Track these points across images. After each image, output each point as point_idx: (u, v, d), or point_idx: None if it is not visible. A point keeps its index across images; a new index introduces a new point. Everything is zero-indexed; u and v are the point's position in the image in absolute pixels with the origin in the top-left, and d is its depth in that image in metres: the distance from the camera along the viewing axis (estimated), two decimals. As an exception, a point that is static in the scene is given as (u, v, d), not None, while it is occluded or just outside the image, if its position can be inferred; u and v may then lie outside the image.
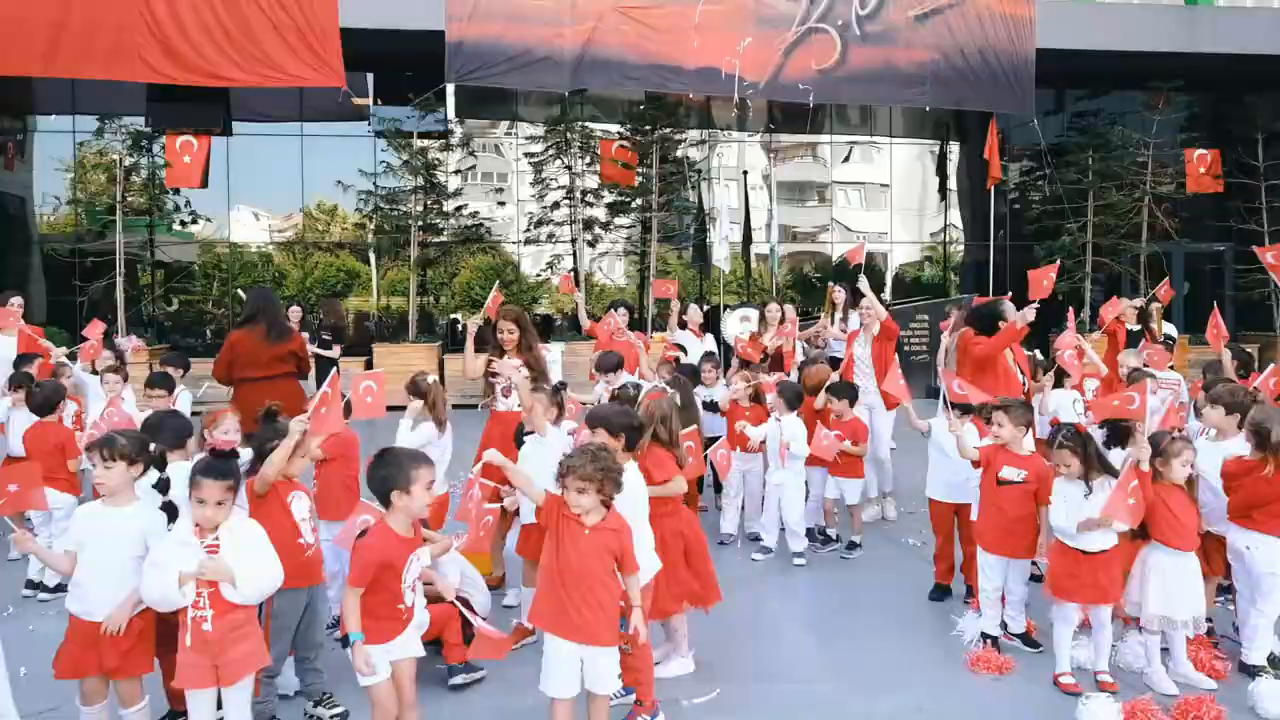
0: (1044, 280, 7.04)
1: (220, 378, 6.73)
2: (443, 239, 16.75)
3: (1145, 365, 6.96)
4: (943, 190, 20.01)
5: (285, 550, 3.45)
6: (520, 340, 5.81)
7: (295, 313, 11.62)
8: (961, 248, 20.09)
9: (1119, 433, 4.66)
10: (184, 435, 4.30)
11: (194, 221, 16.73)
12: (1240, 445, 4.67)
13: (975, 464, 4.89)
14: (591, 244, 17.42)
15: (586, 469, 3.47)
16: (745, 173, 18.97)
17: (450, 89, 15.72)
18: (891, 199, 19.75)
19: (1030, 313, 6.46)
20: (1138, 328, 8.78)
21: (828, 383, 6.70)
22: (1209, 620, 4.75)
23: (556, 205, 17.13)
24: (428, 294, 17.16)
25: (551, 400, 4.85)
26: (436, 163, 16.48)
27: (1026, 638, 4.84)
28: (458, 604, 3.91)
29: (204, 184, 15.62)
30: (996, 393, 5.93)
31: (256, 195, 17.78)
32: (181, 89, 14.18)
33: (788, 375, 7.72)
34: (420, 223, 16.09)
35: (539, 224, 17.24)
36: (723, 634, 4.86)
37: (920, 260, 20.63)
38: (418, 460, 3.51)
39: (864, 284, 8.01)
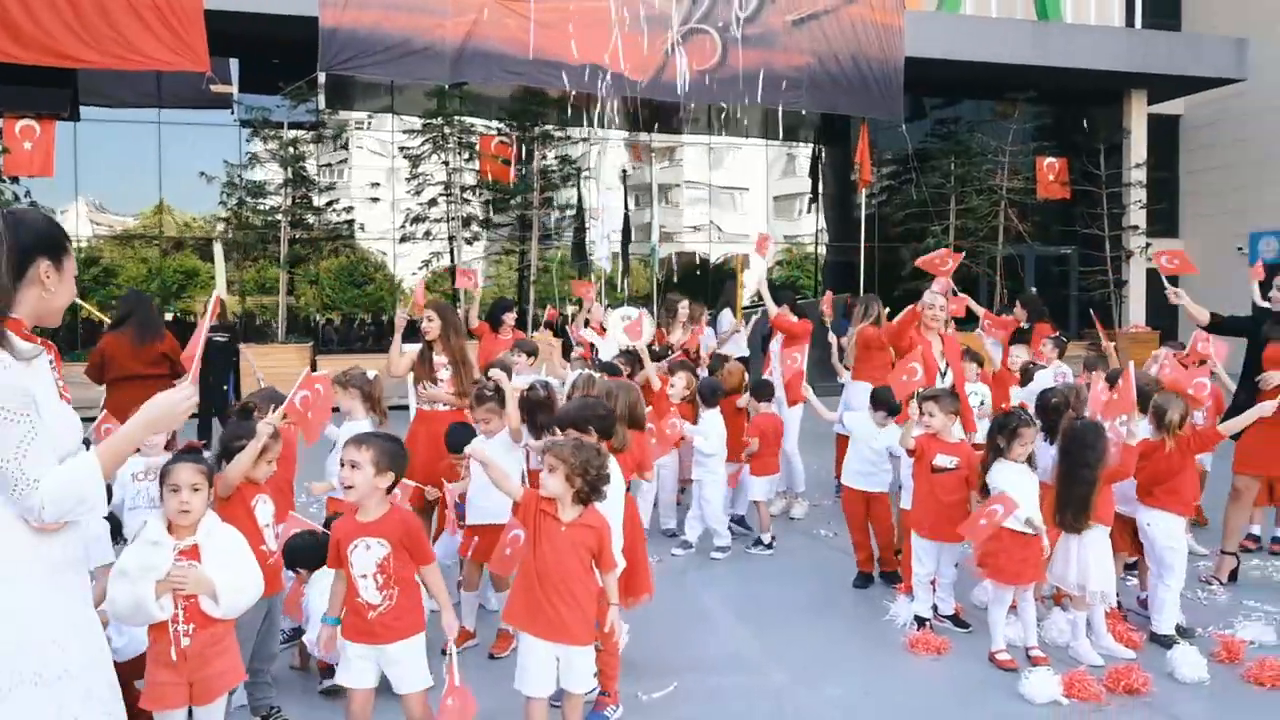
0: (936, 261, 7.12)
1: (93, 378, 6.68)
2: (314, 235, 16.07)
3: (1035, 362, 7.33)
4: (814, 192, 20.58)
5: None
6: (441, 331, 5.60)
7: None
8: (827, 249, 20.64)
9: (1052, 426, 4.86)
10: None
11: (35, 213, 15.46)
12: (1144, 430, 4.96)
13: (910, 452, 5.01)
14: (469, 242, 17.09)
15: (564, 451, 3.39)
16: (625, 172, 19.00)
17: (322, 78, 15.11)
18: (765, 200, 20.17)
19: (930, 296, 6.58)
20: (1028, 325, 9.21)
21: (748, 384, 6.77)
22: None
23: (434, 202, 16.71)
24: (296, 292, 16.43)
25: (498, 404, 4.70)
26: (307, 155, 15.80)
27: (956, 619, 4.99)
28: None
29: (48, 172, 14.46)
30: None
31: (106, 186, 16.55)
32: (24, 69, 13.08)
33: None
34: (289, 218, 15.41)
35: (415, 220, 16.78)
36: (663, 628, 4.82)
37: (791, 261, 21.15)
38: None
39: (763, 285, 8.16)
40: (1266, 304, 5.95)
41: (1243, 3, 21.58)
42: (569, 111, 16.99)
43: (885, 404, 5.60)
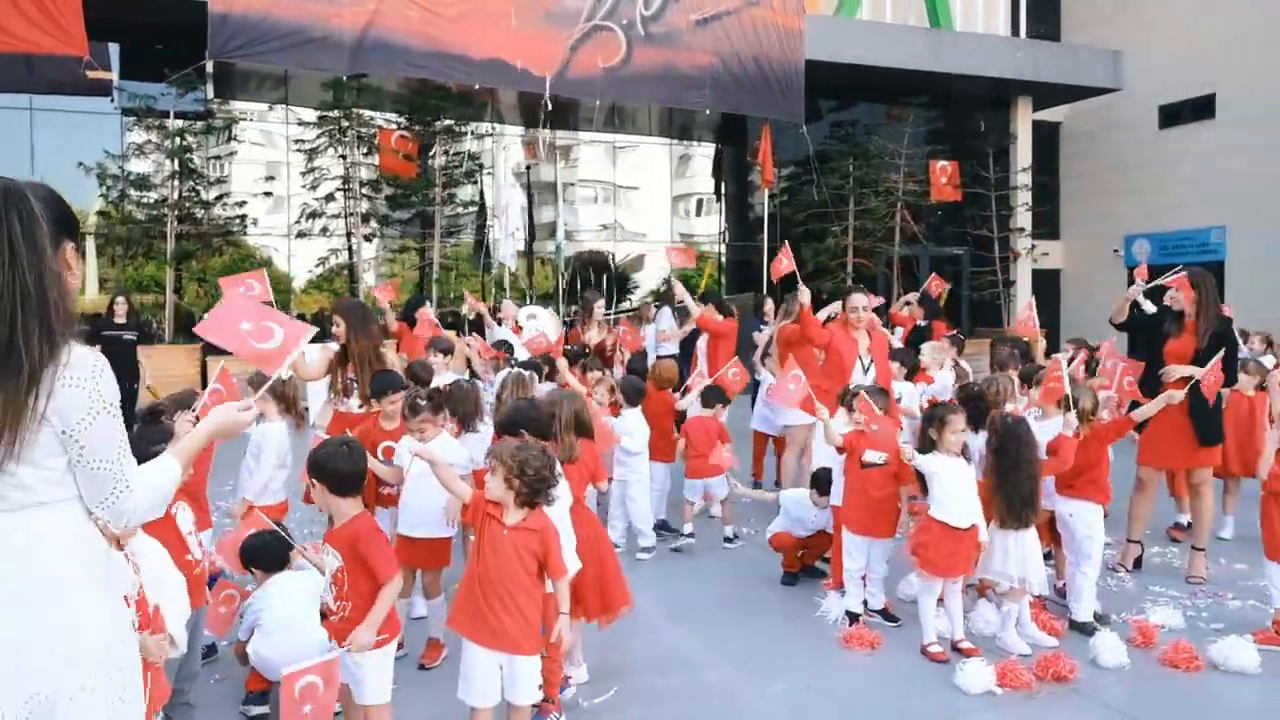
0: (782, 262, 7.39)
1: None
2: (203, 230, 15.34)
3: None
4: (717, 192, 20.75)
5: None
6: (348, 333, 5.36)
7: (121, 304, 10.23)
8: (728, 249, 20.82)
9: (979, 415, 4.95)
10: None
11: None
12: (1059, 423, 5.10)
13: (840, 449, 5.03)
14: (368, 239, 16.62)
15: (503, 452, 3.28)
16: (528, 168, 18.78)
17: (210, 66, 14.44)
18: (667, 199, 20.23)
19: (804, 294, 6.61)
20: (925, 323, 9.46)
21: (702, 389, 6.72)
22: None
23: (331, 197, 16.18)
24: (183, 291, 15.67)
25: (433, 413, 4.53)
26: (194, 147, 15.08)
27: (886, 613, 5.05)
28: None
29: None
30: (833, 377, 6.17)
31: (-29, 175, 15.48)
32: (-121, 49, 12.14)
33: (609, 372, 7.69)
34: (176, 212, 14.68)
35: (311, 216, 16.21)
36: (597, 631, 4.70)
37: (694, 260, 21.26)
38: None
39: (678, 286, 8.18)
40: (1150, 307, 6.24)
41: (1116, 16, 22.70)
42: (473, 106, 16.71)
43: (825, 485, 5.50)
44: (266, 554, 3.93)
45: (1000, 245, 20.10)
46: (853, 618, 4.93)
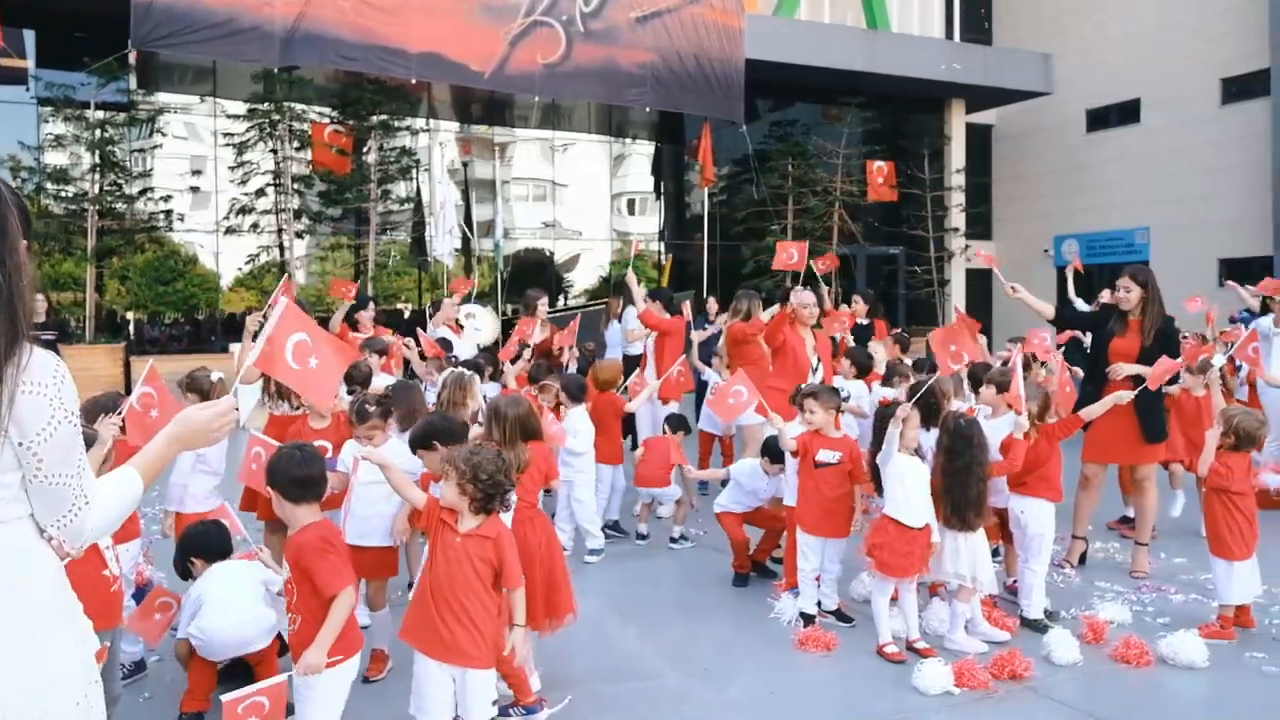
0: (787, 253, 7.05)
1: None
2: (126, 226, 14.77)
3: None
4: (656, 190, 20.69)
5: (89, 585, 2.74)
6: None
7: (40, 302, 9.73)
8: (668, 247, 20.78)
9: (930, 413, 4.93)
10: None
11: None
12: (1010, 421, 5.11)
13: (794, 453, 4.96)
14: (301, 235, 16.19)
15: (455, 457, 3.15)
16: (466, 164, 18.50)
17: (134, 56, 13.90)
18: (606, 197, 20.11)
19: (803, 294, 6.59)
20: (866, 321, 9.49)
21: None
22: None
23: (261, 192, 15.72)
24: (104, 288, 15.08)
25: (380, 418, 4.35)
26: (117, 139, 14.51)
27: (840, 614, 5.00)
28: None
29: None
30: (786, 375, 6.12)
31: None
32: None
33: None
34: (97, 207, 14.11)
35: (241, 212, 15.73)
36: (548, 638, 4.57)
37: (631, 259, 21.13)
38: None
39: (631, 279, 8.06)
40: (1082, 305, 6.33)
41: (1046, 22, 23.22)
42: (409, 101, 16.38)
43: (776, 454, 5.45)
44: (207, 543, 3.81)
45: (935, 245, 20.40)
46: (807, 619, 4.87)
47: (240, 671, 3.83)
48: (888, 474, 4.49)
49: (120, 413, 3.42)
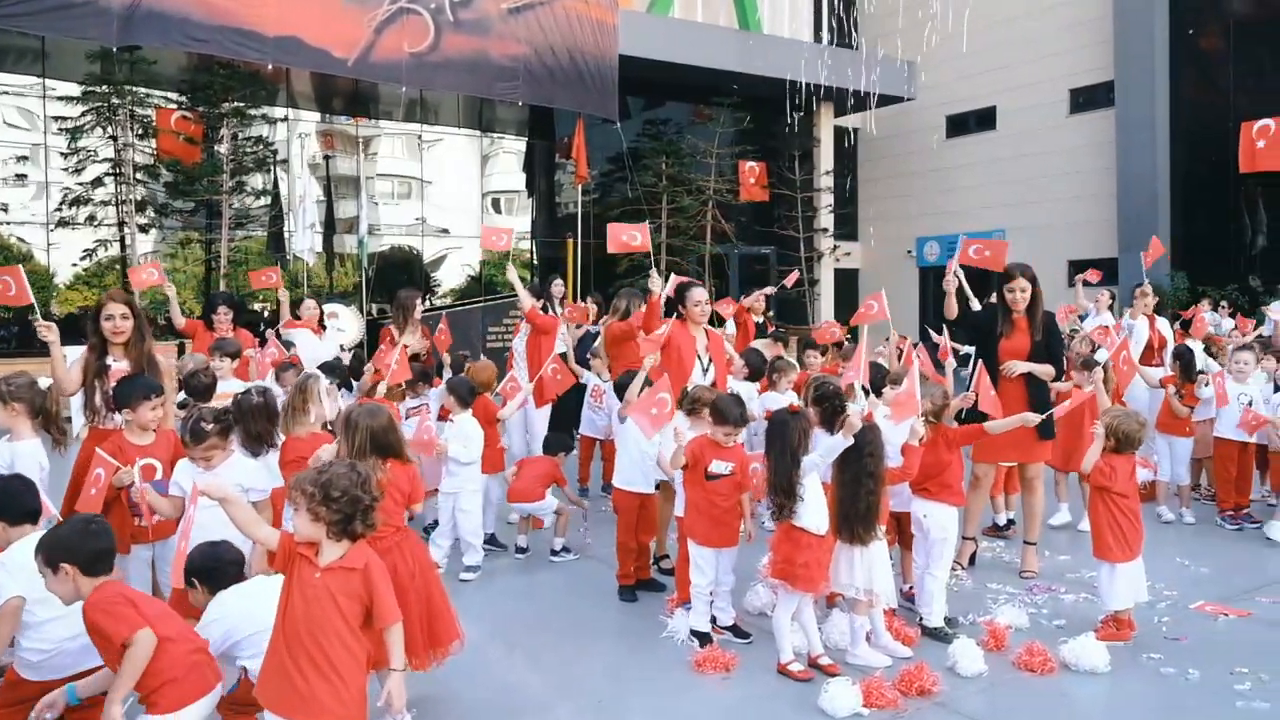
0: (627, 235, 6.47)
1: None
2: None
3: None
4: (528, 187, 20.22)
5: None
6: (134, 333, 4.56)
7: None
8: (540, 245, 20.33)
9: (830, 415, 4.71)
10: None
11: None
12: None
13: (682, 466, 4.67)
14: (145, 229, 15.03)
15: (302, 480, 2.73)
16: (327, 159, 17.58)
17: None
18: (477, 194, 19.52)
19: (655, 282, 6.25)
20: (761, 320, 9.33)
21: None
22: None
23: (99, 182, 14.51)
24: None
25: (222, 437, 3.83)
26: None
27: (737, 629, 4.74)
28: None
29: None
30: (671, 377, 5.82)
31: None
32: None
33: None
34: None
35: (75, 203, 14.47)
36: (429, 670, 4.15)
37: (502, 257, 20.64)
38: None
39: (512, 273, 7.68)
40: (975, 304, 6.29)
41: (908, 30, 23.87)
42: (265, 88, 15.44)
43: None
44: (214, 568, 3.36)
45: (805, 245, 20.65)
46: (702, 638, 4.59)
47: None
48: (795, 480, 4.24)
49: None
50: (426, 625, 3.54)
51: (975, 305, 6.16)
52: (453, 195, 19.32)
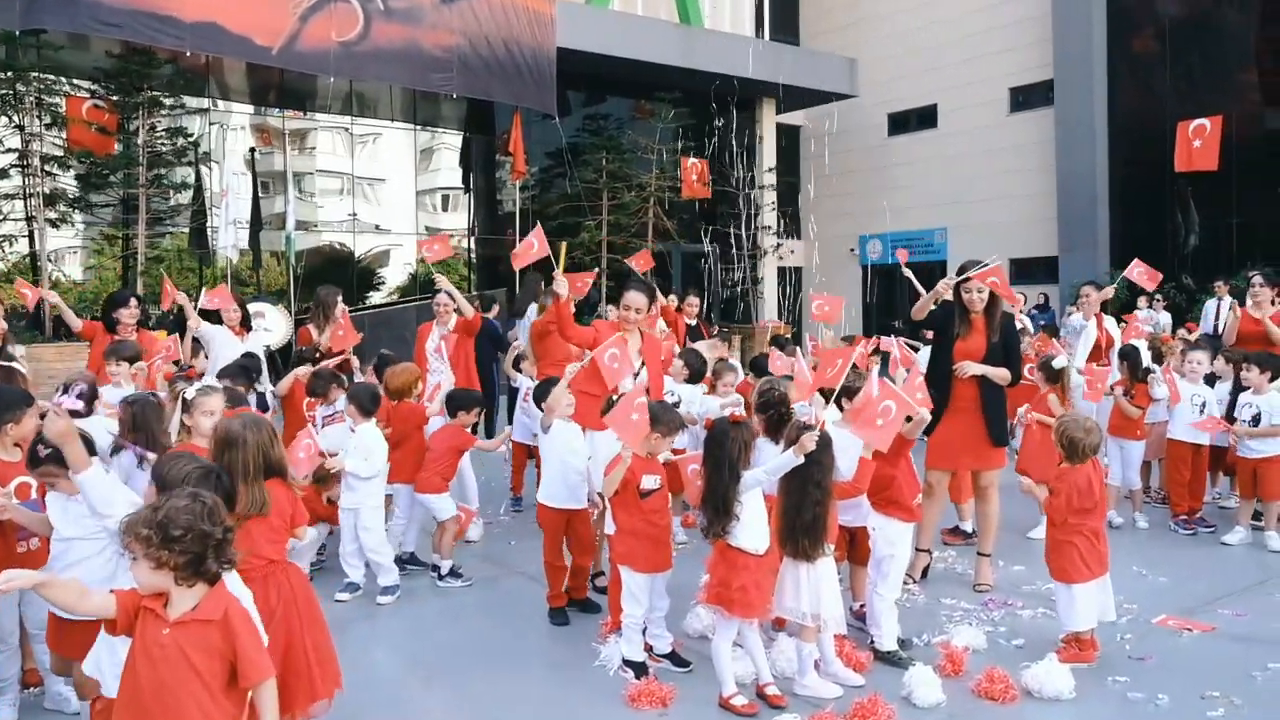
0: (528, 245, 6.14)
1: None
2: None
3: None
4: (465, 184, 19.66)
5: None
6: None
7: None
8: (477, 242, 19.77)
9: (775, 423, 4.36)
10: None
11: None
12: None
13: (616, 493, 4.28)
14: (56, 224, 14.16)
15: (133, 523, 2.28)
16: (254, 151, 16.84)
17: None
18: (411, 190, 18.90)
19: (561, 285, 5.87)
20: (694, 322, 8.99)
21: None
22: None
23: (3, 174, 13.63)
24: None
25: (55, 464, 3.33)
26: None
27: (675, 656, 4.37)
28: None
29: None
30: (597, 379, 5.42)
31: None
32: None
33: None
34: None
35: (-23, 197, 13.60)
36: (339, 703, 3.67)
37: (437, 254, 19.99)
38: None
39: (442, 281, 7.30)
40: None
41: (850, 27, 23.81)
42: (186, 77, 14.70)
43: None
44: None
45: (748, 242, 20.40)
46: (637, 668, 4.20)
47: None
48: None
49: None
50: (314, 670, 3.10)
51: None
52: (387, 191, 18.68)
